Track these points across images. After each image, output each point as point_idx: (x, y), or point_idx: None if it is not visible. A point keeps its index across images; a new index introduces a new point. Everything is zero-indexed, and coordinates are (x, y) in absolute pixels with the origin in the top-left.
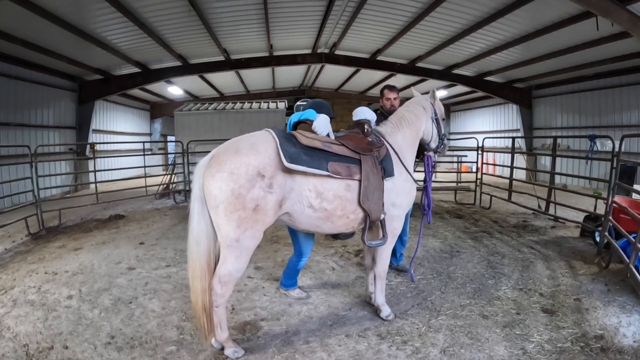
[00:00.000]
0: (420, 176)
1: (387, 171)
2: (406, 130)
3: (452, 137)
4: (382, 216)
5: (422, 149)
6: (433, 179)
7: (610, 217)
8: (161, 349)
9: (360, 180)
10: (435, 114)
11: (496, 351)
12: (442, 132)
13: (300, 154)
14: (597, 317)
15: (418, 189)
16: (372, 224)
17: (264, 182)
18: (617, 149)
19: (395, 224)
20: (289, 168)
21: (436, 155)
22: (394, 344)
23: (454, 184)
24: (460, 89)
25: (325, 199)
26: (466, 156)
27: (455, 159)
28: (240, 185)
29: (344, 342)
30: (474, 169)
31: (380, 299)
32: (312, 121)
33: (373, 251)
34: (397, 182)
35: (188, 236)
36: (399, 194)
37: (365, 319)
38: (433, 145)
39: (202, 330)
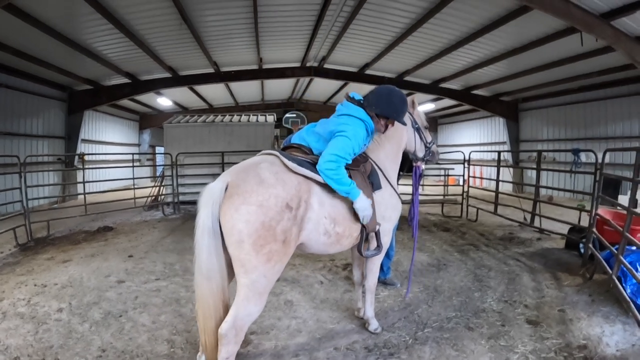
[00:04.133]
0: (407, 190)
1: (375, 185)
2: (387, 145)
3: (439, 149)
4: (377, 227)
5: (410, 161)
6: (420, 192)
7: (594, 229)
8: None
9: None
10: (416, 123)
11: None
12: (428, 140)
13: (302, 162)
14: (581, 328)
15: (404, 203)
16: (368, 236)
17: (291, 214)
18: (600, 162)
19: (385, 238)
20: (295, 171)
21: (423, 165)
22: (381, 356)
23: (441, 197)
24: (447, 102)
25: (337, 223)
26: (453, 169)
27: (442, 172)
28: (271, 217)
29: (332, 355)
30: (461, 182)
31: (369, 312)
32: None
33: (362, 266)
34: (385, 196)
35: (195, 272)
36: (387, 207)
37: (353, 332)
38: (420, 154)
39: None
